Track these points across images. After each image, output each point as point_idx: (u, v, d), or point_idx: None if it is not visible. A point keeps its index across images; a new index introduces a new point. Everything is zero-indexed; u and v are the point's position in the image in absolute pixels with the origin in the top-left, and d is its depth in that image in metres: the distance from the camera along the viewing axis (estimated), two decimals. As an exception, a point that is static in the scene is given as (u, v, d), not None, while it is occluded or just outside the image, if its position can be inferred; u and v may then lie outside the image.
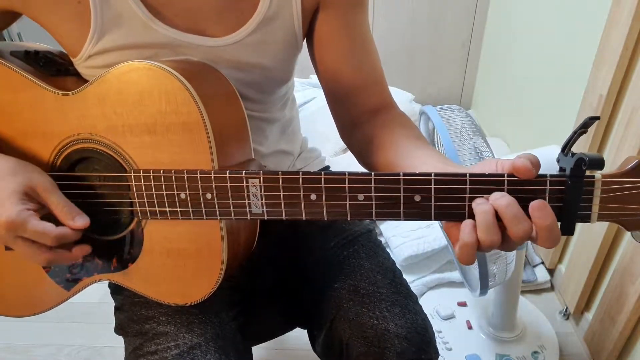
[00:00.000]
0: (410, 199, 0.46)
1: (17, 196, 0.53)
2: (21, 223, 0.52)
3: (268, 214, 0.51)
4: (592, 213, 0.44)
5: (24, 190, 0.53)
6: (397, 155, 0.61)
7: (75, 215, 0.55)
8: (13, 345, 1.40)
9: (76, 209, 0.56)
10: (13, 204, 0.52)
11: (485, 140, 0.91)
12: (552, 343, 1.31)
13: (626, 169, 0.42)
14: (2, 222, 0.52)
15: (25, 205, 0.53)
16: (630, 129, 1.07)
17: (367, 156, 0.68)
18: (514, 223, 0.43)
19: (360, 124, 0.70)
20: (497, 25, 2.16)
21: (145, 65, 0.52)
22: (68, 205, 0.55)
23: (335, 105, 0.73)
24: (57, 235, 0.53)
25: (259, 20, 0.63)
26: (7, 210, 0.52)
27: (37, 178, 0.55)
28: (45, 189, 0.55)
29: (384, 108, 0.71)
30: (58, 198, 0.55)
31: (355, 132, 0.71)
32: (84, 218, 0.55)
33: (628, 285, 1.10)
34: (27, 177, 0.55)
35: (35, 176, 0.55)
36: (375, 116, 0.70)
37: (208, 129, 0.52)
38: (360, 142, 0.70)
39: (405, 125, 0.67)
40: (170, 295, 0.61)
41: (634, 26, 1.05)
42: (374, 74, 0.71)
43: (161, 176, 0.54)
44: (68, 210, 0.55)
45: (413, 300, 0.71)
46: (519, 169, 0.43)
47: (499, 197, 0.44)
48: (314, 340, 0.79)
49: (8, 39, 2.17)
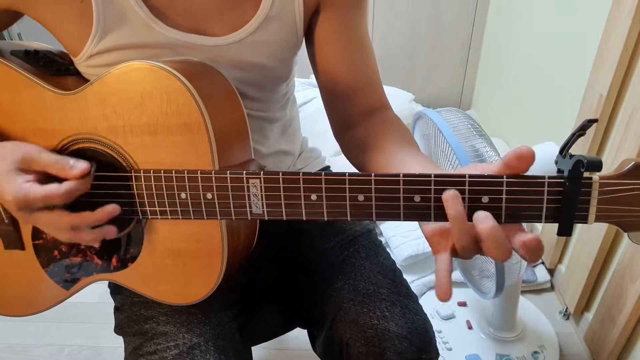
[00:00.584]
0: (410, 199, 0.46)
1: (13, 174, 0.53)
2: (25, 195, 0.51)
3: (268, 214, 0.51)
4: (589, 214, 0.44)
5: (16, 167, 0.53)
6: (385, 158, 0.61)
7: (72, 165, 0.53)
8: (13, 345, 1.40)
9: (71, 158, 0.54)
10: (11, 182, 0.52)
11: (488, 141, 0.91)
12: (552, 343, 1.31)
13: (623, 171, 0.43)
14: (10, 202, 0.52)
15: (24, 178, 0.52)
16: (630, 129, 1.08)
17: (356, 156, 0.69)
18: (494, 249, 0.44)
19: (354, 124, 0.71)
20: (497, 25, 2.16)
21: (146, 66, 0.52)
22: (60, 158, 0.54)
23: (330, 105, 0.74)
24: (65, 190, 0.52)
25: (261, 19, 0.63)
26: (8, 190, 0.52)
27: (22, 149, 0.54)
28: (33, 155, 0.54)
29: (378, 109, 0.71)
30: (48, 157, 0.54)
31: (348, 131, 0.72)
32: (81, 163, 0.54)
33: (628, 285, 1.10)
34: (14, 152, 0.54)
35: (20, 148, 0.55)
36: (369, 117, 0.70)
37: (209, 130, 0.52)
38: (352, 141, 0.71)
39: (397, 129, 0.68)
40: (170, 294, 0.61)
41: (634, 26, 1.05)
42: (370, 75, 0.71)
43: (162, 176, 0.54)
44: (63, 163, 0.53)
45: (413, 300, 0.71)
46: (518, 158, 0.43)
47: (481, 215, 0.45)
48: (314, 340, 0.79)
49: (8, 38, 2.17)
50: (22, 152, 0.54)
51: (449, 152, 0.91)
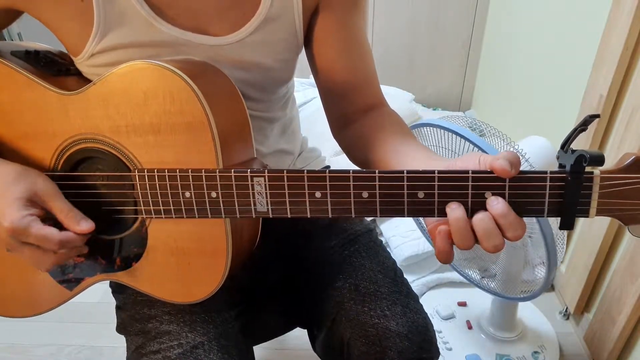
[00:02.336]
0: (414, 195, 0.47)
1: (21, 202, 0.53)
2: (24, 228, 0.52)
3: (273, 212, 0.51)
4: (590, 208, 0.45)
5: (27, 196, 0.53)
6: (385, 152, 0.62)
7: (80, 220, 0.55)
8: (13, 345, 1.40)
9: (80, 214, 0.56)
10: (16, 210, 0.52)
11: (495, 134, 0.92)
12: (552, 343, 1.31)
13: (624, 165, 0.44)
14: (6, 228, 0.52)
15: (29, 211, 0.53)
16: (630, 129, 1.08)
17: (356, 152, 0.69)
18: (485, 238, 0.46)
19: (352, 121, 0.71)
20: (497, 25, 2.16)
21: (149, 65, 0.53)
22: (72, 210, 0.55)
23: (328, 103, 0.75)
24: (61, 239, 0.53)
25: (260, 19, 0.64)
26: (10, 216, 0.52)
27: (40, 183, 0.55)
28: (49, 195, 0.55)
29: (375, 107, 0.72)
30: (62, 203, 0.55)
31: (347, 129, 0.72)
32: (88, 222, 0.55)
33: (628, 285, 1.11)
34: (30, 183, 0.55)
35: (39, 181, 0.55)
36: (366, 114, 0.71)
37: (213, 129, 0.52)
38: (351, 139, 0.71)
39: (394, 122, 0.68)
40: (173, 294, 0.61)
41: (634, 26, 1.06)
42: (367, 74, 0.72)
43: (166, 175, 0.54)
44: (72, 215, 0.55)
45: (414, 300, 0.72)
46: (497, 170, 0.44)
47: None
48: (314, 340, 0.79)
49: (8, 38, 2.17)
50: (40, 188, 0.55)
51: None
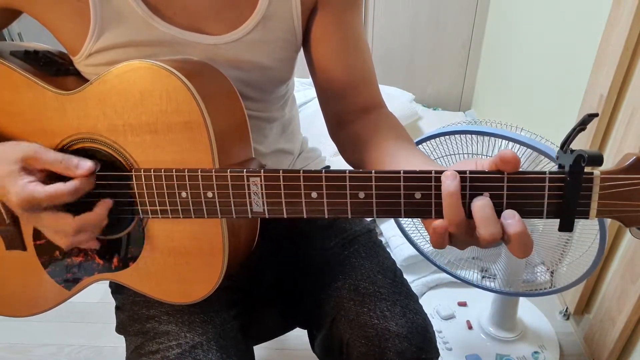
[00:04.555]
0: (411, 196, 0.46)
1: (16, 174, 0.52)
2: (30, 195, 0.51)
3: (269, 212, 0.51)
4: (590, 209, 0.44)
5: (19, 166, 0.53)
6: (381, 155, 0.61)
7: (77, 163, 0.54)
8: (13, 345, 1.40)
9: (75, 157, 0.54)
10: (15, 183, 0.52)
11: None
12: (552, 343, 1.31)
13: (624, 166, 0.43)
14: (16, 204, 0.51)
15: (28, 178, 0.52)
16: (630, 129, 1.08)
17: (351, 154, 0.69)
18: (483, 224, 0.43)
19: (349, 122, 0.71)
20: (497, 26, 2.16)
21: (146, 65, 0.52)
22: (65, 157, 0.54)
23: (326, 103, 0.74)
24: (71, 189, 0.52)
25: (258, 18, 0.64)
26: (12, 190, 0.51)
27: (23, 149, 0.54)
28: (36, 154, 0.53)
29: (373, 108, 0.72)
30: (53, 156, 0.54)
31: (343, 129, 0.72)
32: (86, 161, 0.54)
33: (628, 285, 1.10)
34: (15, 152, 0.53)
35: (21, 148, 0.54)
36: (364, 115, 0.70)
37: (209, 128, 0.52)
38: (347, 139, 0.71)
39: (392, 126, 0.68)
40: (171, 294, 0.61)
41: (634, 26, 1.05)
42: (365, 73, 0.71)
43: (162, 175, 0.54)
44: (67, 161, 0.53)
45: (414, 300, 0.71)
46: (507, 158, 0.43)
47: (478, 197, 0.45)
48: (313, 340, 0.79)
49: (8, 38, 2.18)
50: (24, 151, 0.54)
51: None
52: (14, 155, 0.53)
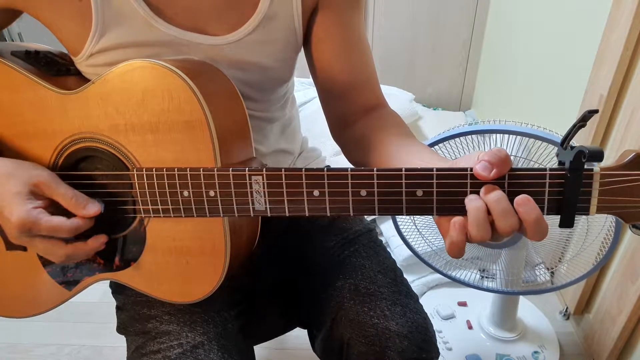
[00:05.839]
0: (413, 194, 0.46)
1: (23, 196, 0.53)
2: (33, 222, 0.51)
3: (271, 211, 0.51)
4: (591, 205, 0.44)
5: (28, 189, 0.53)
6: (385, 152, 0.61)
7: (85, 204, 0.55)
8: (13, 345, 1.40)
9: (85, 197, 0.55)
10: (20, 205, 0.52)
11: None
12: (552, 343, 1.31)
13: (624, 162, 0.43)
14: (14, 224, 0.52)
15: (33, 204, 0.53)
16: (630, 129, 1.08)
17: (356, 153, 0.69)
18: (502, 217, 0.43)
19: (352, 122, 0.71)
20: (497, 25, 2.16)
21: (148, 64, 0.53)
22: (76, 195, 0.55)
23: (327, 104, 0.74)
24: (71, 227, 0.53)
25: (259, 19, 0.64)
26: (16, 212, 0.51)
27: (38, 174, 0.55)
28: (49, 183, 0.54)
29: (375, 107, 0.72)
30: (64, 189, 0.55)
31: (347, 130, 0.72)
32: (95, 204, 0.55)
33: (628, 285, 1.11)
34: (28, 175, 0.54)
35: (36, 172, 0.55)
36: (367, 115, 0.70)
37: (211, 127, 0.52)
38: (351, 140, 0.71)
39: (395, 124, 0.68)
40: (172, 293, 0.61)
41: (634, 26, 1.05)
42: (367, 74, 0.71)
43: (164, 174, 0.54)
44: (77, 200, 0.54)
45: (414, 300, 0.71)
46: (479, 175, 0.44)
47: (490, 191, 0.44)
48: (313, 340, 0.79)
49: (8, 38, 2.17)
50: (37, 176, 0.54)
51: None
52: (27, 176, 0.54)
